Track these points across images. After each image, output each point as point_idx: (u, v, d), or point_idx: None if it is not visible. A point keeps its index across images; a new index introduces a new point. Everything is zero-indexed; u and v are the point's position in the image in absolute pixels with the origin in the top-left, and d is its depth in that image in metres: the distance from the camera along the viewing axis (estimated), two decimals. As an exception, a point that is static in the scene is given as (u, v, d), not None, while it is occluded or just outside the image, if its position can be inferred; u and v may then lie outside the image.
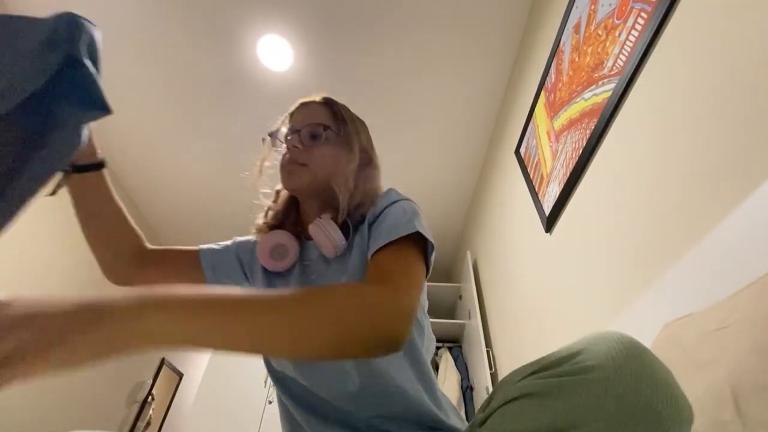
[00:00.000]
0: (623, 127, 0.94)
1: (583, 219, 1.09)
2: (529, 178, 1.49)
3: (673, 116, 0.78)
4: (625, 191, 0.90)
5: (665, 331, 0.62)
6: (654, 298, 0.72)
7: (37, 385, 1.88)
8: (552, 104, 1.35)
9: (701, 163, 0.69)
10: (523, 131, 1.63)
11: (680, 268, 0.67)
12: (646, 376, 0.31)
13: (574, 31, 1.22)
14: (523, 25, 1.73)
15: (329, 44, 1.81)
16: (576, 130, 1.14)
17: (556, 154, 1.26)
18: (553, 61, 1.36)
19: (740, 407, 0.42)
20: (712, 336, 0.51)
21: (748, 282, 0.50)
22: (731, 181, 0.62)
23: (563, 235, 1.20)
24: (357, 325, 0.41)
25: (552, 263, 1.25)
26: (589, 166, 1.06)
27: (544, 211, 1.31)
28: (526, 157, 1.57)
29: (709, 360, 0.48)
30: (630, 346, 0.33)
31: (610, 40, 1.00)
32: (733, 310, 0.50)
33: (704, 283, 0.60)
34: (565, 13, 1.29)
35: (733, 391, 0.43)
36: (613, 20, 0.99)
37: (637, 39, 0.89)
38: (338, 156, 0.69)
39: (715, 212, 0.63)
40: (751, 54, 0.62)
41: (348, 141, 0.71)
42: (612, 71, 0.98)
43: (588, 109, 1.08)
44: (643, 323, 0.72)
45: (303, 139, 0.68)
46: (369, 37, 1.78)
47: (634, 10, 0.91)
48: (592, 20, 1.11)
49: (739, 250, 0.55)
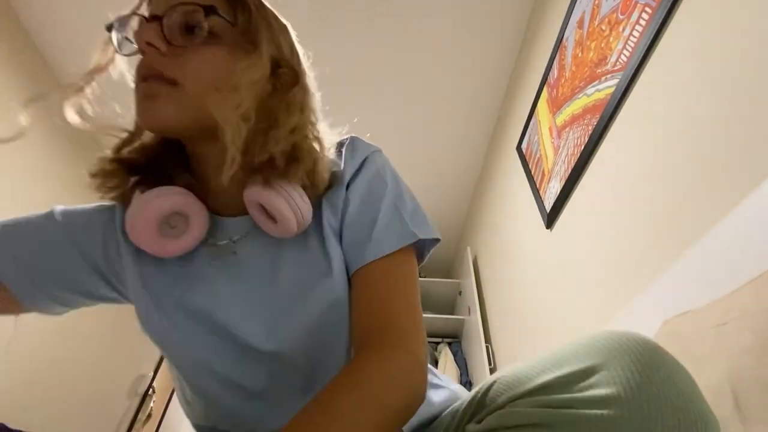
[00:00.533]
0: (626, 123, 0.93)
1: (584, 215, 1.09)
2: (531, 174, 1.49)
3: (676, 113, 0.78)
4: (627, 188, 0.90)
5: (665, 328, 0.62)
6: (654, 295, 0.72)
7: (38, 376, 1.89)
8: (554, 100, 1.34)
9: (703, 160, 0.69)
10: (524, 127, 1.62)
11: (681, 265, 0.67)
12: (677, 408, 0.27)
13: (577, 26, 1.21)
14: (526, 19, 1.72)
15: (327, 39, 1.79)
16: (578, 126, 1.14)
17: (558, 150, 1.25)
18: (556, 57, 1.36)
19: (740, 403, 0.42)
20: (712, 332, 0.51)
21: (749, 278, 0.50)
22: (733, 178, 0.62)
23: (564, 232, 1.20)
24: (395, 408, 0.35)
25: (553, 259, 1.25)
26: (591, 162, 1.06)
27: (545, 208, 1.30)
28: (527, 152, 1.57)
29: (709, 356, 0.49)
30: (650, 362, 0.29)
31: (613, 35, 0.99)
32: (733, 306, 0.50)
33: (705, 280, 0.60)
34: (568, 9, 1.28)
35: (732, 386, 0.43)
36: (617, 15, 0.99)
37: (641, 34, 0.88)
38: (233, 62, 0.41)
39: (717, 209, 0.63)
40: (757, 51, 0.61)
41: (251, 38, 0.43)
42: (615, 67, 0.97)
43: (591, 105, 1.08)
44: (643, 320, 0.72)
45: (169, 34, 0.39)
46: (367, 31, 1.77)
47: (638, 5, 0.90)
48: (595, 15, 1.10)
49: (740, 246, 0.55)
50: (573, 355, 0.33)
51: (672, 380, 0.28)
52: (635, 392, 0.27)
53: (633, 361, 0.29)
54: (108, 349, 2.37)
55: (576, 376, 0.31)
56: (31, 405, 1.86)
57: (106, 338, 2.36)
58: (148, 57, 0.40)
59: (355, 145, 0.50)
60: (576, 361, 0.32)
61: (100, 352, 2.31)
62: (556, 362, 0.33)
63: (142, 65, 0.41)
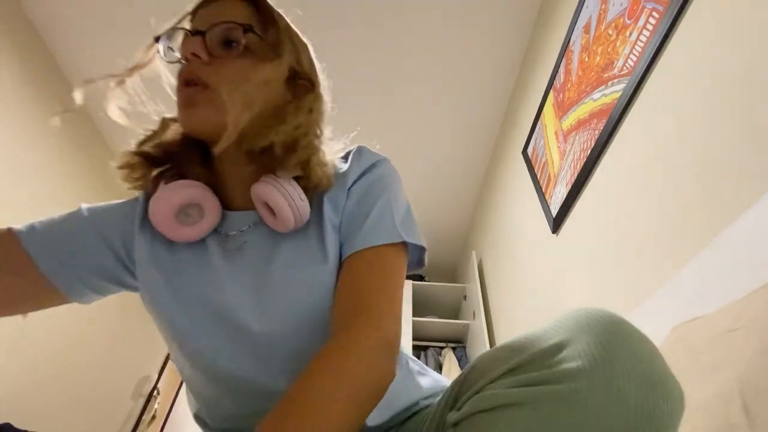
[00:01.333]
0: (633, 128, 0.93)
1: (590, 220, 1.08)
2: (536, 179, 1.48)
3: (683, 117, 0.77)
4: (634, 192, 0.90)
5: (674, 334, 0.61)
6: (662, 301, 0.72)
7: (43, 377, 1.90)
8: (560, 104, 1.34)
9: (712, 164, 0.69)
10: (530, 131, 1.62)
11: (689, 271, 0.66)
12: (637, 374, 0.28)
13: (584, 30, 1.21)
14: (532, 24, 1.72)
15: (334, 43, 1.81)
16: (585, 130, 1.13)
17: (564, 155, 1.25)
18: (562, 61, 1.36)
19: (749, 410, 0.41)
20: (722, 338, 0.50)
21: (758, 284, 0.50)
22: (743, 181, 0.62)
23: (570, 236, 1.19)
24: (367, 385, 0.38)
25: (558, 264, 1.25)
26: (598, 167, 1.06)
27: (551, 212, 1.30)
28: (533, 157, 1.57)
29: (718, 362, 0.48)
30: (614, 334, 0.31)
31: (620, 40, 0.99)
32: (742, 312, 0.50)
33: (714, 286, 0.60)
34: (574, 13, 1.28)
35: (742, 393, 0.43)
36: (624, 20, 0.98)
37: (648, 39, 0.88)
38: (269, 78, 0.49)
39: (725, 214, 0.62)
40: (764, 56, 0.61)
41: (276, 51, 0.50)
42: (622, 71, 0.97)
43: (597, 109, 1.07)
44: (652, 326, 0.71)
45: (210, 47, 0.46)
46: (374, 36, 1.78)
47: (645, 10, 0.90)
48: (602, 20, 1.10)
49: (749, 252, 0.54)
50: (545, 332, 0.35)
51: (633, 349, 0.30)
52: (599, 363, 0.29)
53: (597, 334, 0.31)
54: (113, 350, 2.38)
55: (549, 352, 0.32)
56: (36, 406, 1.87)
57: (111, 340, 2.38)
58: (191, 65, 0.47)
59: (362, 153, 0.56)
60: (547, 338, 0.34)
61: (104, 353, 2.32)
62: (530, 341, 0.35)
63: (185, 70, 0.47)
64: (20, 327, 1.78)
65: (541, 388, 0.30)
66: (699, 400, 0.48)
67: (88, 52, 1.90)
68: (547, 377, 0.31)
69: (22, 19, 1.78)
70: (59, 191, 1.97)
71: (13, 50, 1.73)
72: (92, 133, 2.21)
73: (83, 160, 2.13)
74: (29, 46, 1.82)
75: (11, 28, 1.73)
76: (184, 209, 0.49)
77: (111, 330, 2.38)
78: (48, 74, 1.92)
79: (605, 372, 0.29)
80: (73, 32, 1.84)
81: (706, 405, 0.47)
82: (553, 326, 0.35)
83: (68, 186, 2.02)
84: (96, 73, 0.48)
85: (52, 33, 1.86)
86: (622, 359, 0.29)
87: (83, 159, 2.13)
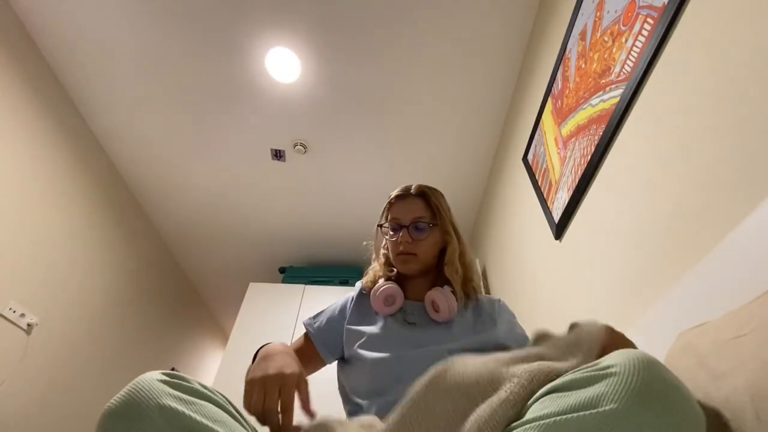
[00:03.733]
0: (632, 132, 0.93)
1: (593, 226, 1.08)
2: (538, 185, 1.48)
3: (682, 121, 0.77)
4: (636, 197, 0.89)
5: (680, 341, 0.60)
6: (668, 307, 0.71)
7: (50, 392, 1.89)
8: (559, 111, 1.35)
9: (714, 167, 0.68)
10: (530, 138, 1.63)
11: (694, 276, 0.65)
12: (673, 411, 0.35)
13: (579, 37, 1.22)
14: (528, 32, 1.74)
15: (336, 57, 1.83)
16: (584, 136, 1.14)
17: (565, 161, 1.25)
18: (560, 68, 1.37)
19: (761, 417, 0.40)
20: (729, 344, 0.49)
21: (764, 289, 0.49)
22: (744, 186, 0.61)
23: (573, 242, 1.18)
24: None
25: (562, 271, 1.24)
26: (598, 172, 1.05)
27: (553, 218, 1.30)
28: (533, 164, 1.57)
29: (727, 369, 0.47)
30: (648, 376, 0.37)
31: (616, 46, 1.00)
32: (750, 317, 0.49)
33: (719, 291, 0.59)
34: (570, 21, 1.29)
35: (752, 400, 0.42)
36: (619, 26, 0.99)
37: (644, 45, 0.88)
38: (438, 242, 0.91)
39: (729, 219, 0.62)
40: (760, 59, 0.61)
41: (444, 227, 0.91)
42: (619, 77, 0.97)
43: (596, 115, 1.08)
44: (657, 332, 0.70)
45: (411, 234, 0.88)
46: (375, 48, 1.80)
47: (640, 16, 0.91)
48: (597, 27, 1.11)
49: (755, 256, 0.54)
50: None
51: (680, 403, 0.37)
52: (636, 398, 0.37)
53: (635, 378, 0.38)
54: (120, 363, 2.37)
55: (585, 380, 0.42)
56: (44, 421, 1.86)
57: (118, 352, 2.37)
58: (402, 243, 0.88)
59: (504, 305, 0.92)
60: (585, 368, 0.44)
61: (112, 365, 2.32)
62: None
63: (399, 244, 0.88)
64: (24, 346, 1.78)
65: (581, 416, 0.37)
66: (709, 407, 0.47)
67: (92, 70, 1.93)
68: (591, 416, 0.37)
69: (29, 41, 1.81)
70: (95, 256, 1.98)
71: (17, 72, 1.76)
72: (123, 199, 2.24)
73: (118, 222, 2.15)
74: (32, 69, 1.85)
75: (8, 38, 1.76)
76: (389, 297, 0.88)
77: (118, 343, 2.37)
78: (54, 98, 1.95)
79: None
80: (78, 51, 1.87)
81: (716, 412, 0.46)
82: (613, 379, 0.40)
83: (105, 251, 2.04)
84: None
85: (56, 57, 1.89)
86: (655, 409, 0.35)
87: (118, 222, 2.15)
